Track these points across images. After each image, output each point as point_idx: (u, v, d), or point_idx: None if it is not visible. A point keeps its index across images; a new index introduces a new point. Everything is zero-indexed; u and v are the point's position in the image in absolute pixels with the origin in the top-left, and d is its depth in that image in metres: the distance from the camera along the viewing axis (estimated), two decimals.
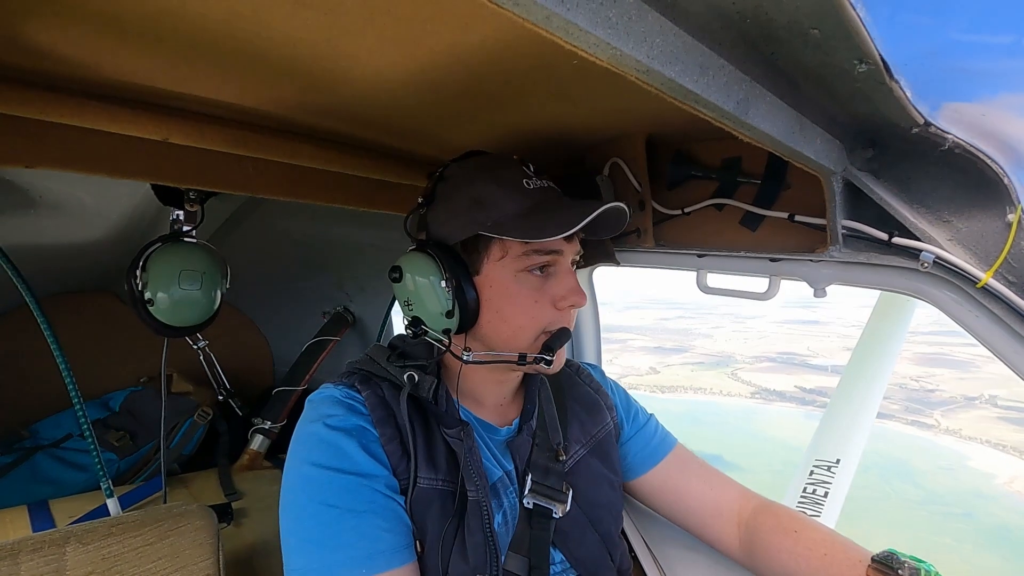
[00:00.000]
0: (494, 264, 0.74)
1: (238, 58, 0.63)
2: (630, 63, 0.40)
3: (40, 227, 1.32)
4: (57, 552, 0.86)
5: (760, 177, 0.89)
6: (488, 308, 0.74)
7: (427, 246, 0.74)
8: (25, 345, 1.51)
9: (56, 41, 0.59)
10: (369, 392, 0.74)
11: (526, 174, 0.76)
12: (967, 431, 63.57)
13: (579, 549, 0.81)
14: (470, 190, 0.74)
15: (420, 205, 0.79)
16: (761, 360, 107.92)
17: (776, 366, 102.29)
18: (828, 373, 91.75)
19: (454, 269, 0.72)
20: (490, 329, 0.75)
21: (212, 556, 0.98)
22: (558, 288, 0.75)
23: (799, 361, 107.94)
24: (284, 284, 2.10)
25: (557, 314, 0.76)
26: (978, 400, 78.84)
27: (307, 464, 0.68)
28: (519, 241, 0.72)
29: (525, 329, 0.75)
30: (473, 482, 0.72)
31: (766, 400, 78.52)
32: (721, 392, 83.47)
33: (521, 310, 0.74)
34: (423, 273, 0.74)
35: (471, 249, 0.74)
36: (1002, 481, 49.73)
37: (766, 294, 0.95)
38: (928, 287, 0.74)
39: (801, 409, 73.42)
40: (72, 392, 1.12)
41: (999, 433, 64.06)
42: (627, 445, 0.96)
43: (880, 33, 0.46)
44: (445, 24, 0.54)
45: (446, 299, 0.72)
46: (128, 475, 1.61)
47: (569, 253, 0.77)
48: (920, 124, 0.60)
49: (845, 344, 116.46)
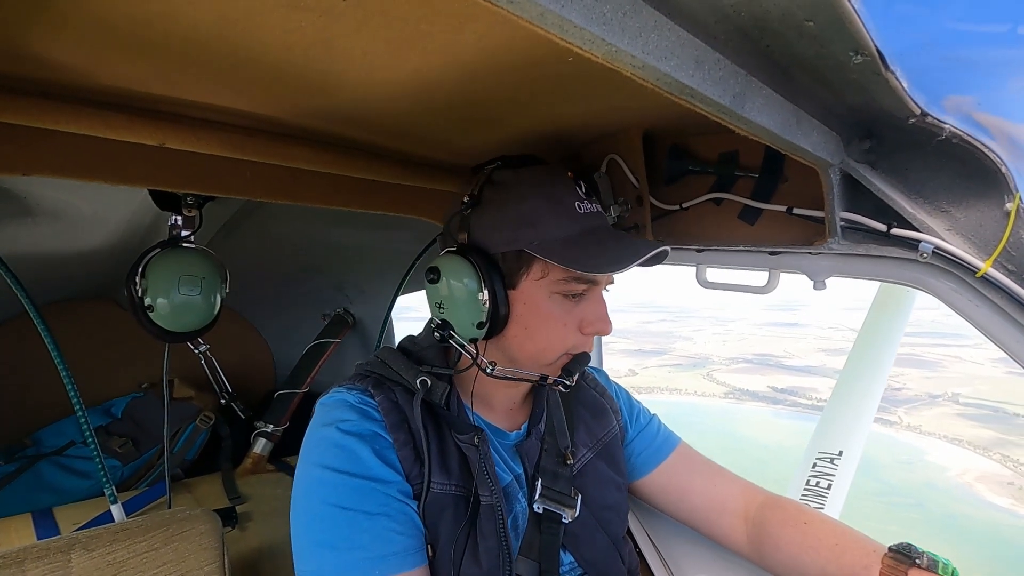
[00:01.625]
0: (532, 282, 0.73)
1: (232, 62, 0.63)
2: (625, 59, 0.40)
3: (38, 235, 1.32)
4: (62, 559, 0.86)
5: (758, 171, 0.89)
6: (517, 323, 0.73)
7: (469, 252, 0.72)
8: (26, 354, 1.51)
9: (50, 48, 0.59)
10: (382, 397, 0.74)
11: (579, 196, 0.75)
12: (927, 427, 65.35)
13: (588, 551, 0.82)
14: (521, 204, 0.73)
15: (465, 206, 0.75)
16: (737, 361, 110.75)
17: (751, 367, 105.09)
18: (800, 373, 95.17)
19: (492, 280, 0.71)
20: (515, 343, 0.75)
21: (217, 560, 0.98)
22: (588, 314, 0.75)
23: (774, 362, 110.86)
24: (284, 287, 2.10)
25: (581, 338, 0.76)
26: (941, 398, 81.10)
27: (320, 467, 0.68)
28: (562, 267, 0.70)
29: (550, 350, 0.75)
30: (487, 487, 0.73)
31: (738, 400, 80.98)
32: (696, 393, 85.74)
33: (549, 331, 0.74)
34: (462, 279, 0.72)
35: (511, 262, 0.73)
36: (954, 474, 51.93)
37: (766, 287, 0.95)
38: (927, 277, 0.74)
39: (771, 408, 76.55)
40: (74, 399, 1.11)
41: (957, 429, 66.23)
42: (631, 446, 0.96)
43: (875, 24, 0.46)
44: (439, 24, 0.54)
45: (481, 310, 0.71)
46: (132, 481, 1.62)
47: (604, 281, 0.77)
48: (917, 114, 0.60)
49: (821, 346, 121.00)
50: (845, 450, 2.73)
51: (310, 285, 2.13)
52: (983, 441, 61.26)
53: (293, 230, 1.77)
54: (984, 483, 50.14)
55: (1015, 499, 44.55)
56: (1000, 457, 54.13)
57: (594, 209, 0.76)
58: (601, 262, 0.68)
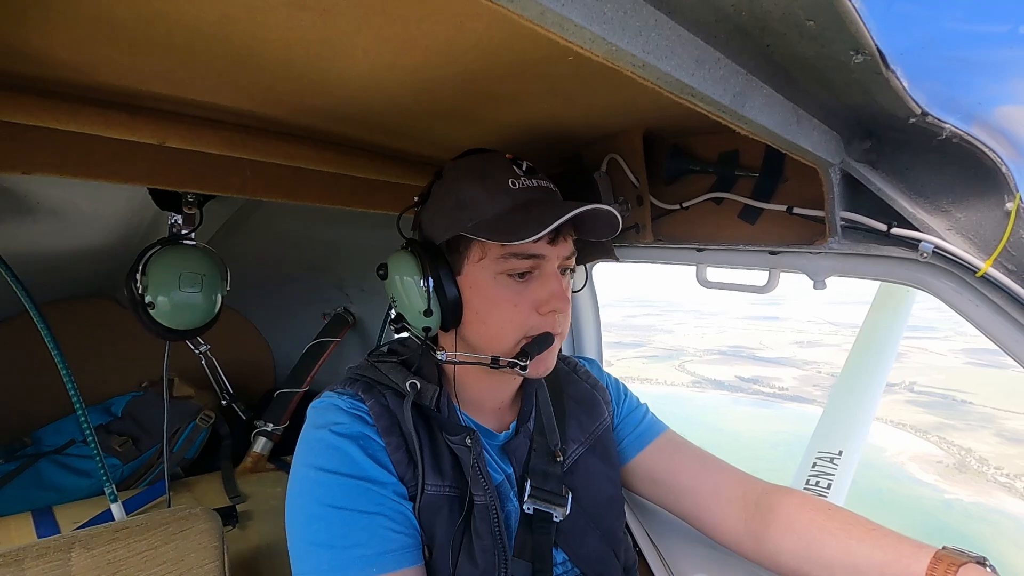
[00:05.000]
0: (473, 265, 0.73)
1: (233, 61, 0.63)
2: (625, 58, 0.40)
3: (38, 233, 1.32)
4: (62, 557, 0.86)
5: (758, 170, 0.89)
6: (469, 309, 0.74)
7: (412, 245, 0.75)
8: (26, 352, 1.51)
9: (51, 46, 0.59)
10: (373, 401, 0.74)
11: (514, 174, 0.74)
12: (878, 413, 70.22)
13: (581, 548, 0.81)
14: (457, 190, 0.74)
15: (415, 204, 0.79)
16: (712, 353, 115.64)
17: (724, 358, 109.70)
18: (769, 364, 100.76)
19: (435, 269, 0.72)
20: (471, 331, 0.75)
21: (217, 559, 0.98)
22: (539, 293, 0.73)
23: (747, 354, 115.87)
24: (284, 286, 2.10)
25: (540, 319, 0.74)
26: (898, 386, 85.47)
27: (314, 469, 0.68)
28: (497, 243, 0.70)
29: (504, 333, 0.73)
30: (480, 487, 0.73)
31: (702, 389, 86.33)
32: (665, 382, 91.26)
33: (499, 313, 0.73)
34: (404, 272, 0.74)
35: (454, 249, 0.74)
36: (890, 454, 56.93)
37: (766, 287, 0.95)
38: (928, 277, 0.74)
39: (731, 396, 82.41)
40: (74, 398, 1.11)
41: (905, 414, 71.51)
42: (617, 431, 0.95)
43: (876, 23, 0.46)
44: (440, 23, 0.54)
45: (422, 298, 0.73)
46: (131, 480, 1.61)
47: (554, 257, 0.74)
48: (917, 114, 0.60)
49: (795, 338, 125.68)
50: (845, 450, 2.73)
51: (310, 284, 2.13)
52: (925, 425, 66.31)
53: (293, 229, 1.77)
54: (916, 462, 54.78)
55: (940, 476, 50.06)
56: (937, 439, 59.95)
57: (534, 184, 0.74)
58: (523, 229, 0.66)
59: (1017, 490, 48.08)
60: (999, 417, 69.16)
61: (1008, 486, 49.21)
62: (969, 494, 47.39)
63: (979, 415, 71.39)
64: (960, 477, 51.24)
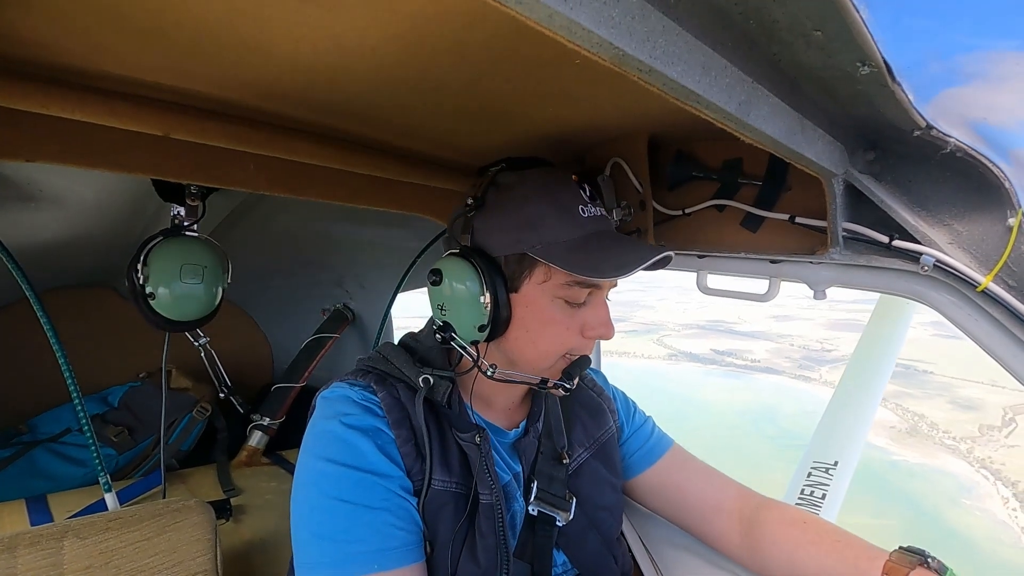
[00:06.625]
0: (535, 286, 0.73)
1: (240, 54, 0.63)
2: (632, 63, 0.40)
3: (40, 221, 1.32)
4: (55, 546, 0.86)
5: (761, 178, 0.89)
6: (518, 326, 0.74)
7: (471, 255, 0.72)
8: (24, 340, 1.51)
9: (57, 34, 0.59)
10: (384, 393, 0.74)
11: (583, 200, 0.75)
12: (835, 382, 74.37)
13: (581, 552, 0.82)
14: (524, 206, 0.72)
15: (469, 208, 0.75)
16: (690, 327, 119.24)
17: (701, 332, 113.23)
18: (744, 338, 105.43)
19: (494, 283, 0.71)
20: (516, 346, 0.75)
21: (210, 552, 0.98)
22: (591, 318, 0.75)
23: (724, 328, 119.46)
24: (284, 281, 2.10)
25: (582, 341, 0.75)
26: None
27: (322, 460, 0.68)
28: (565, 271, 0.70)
29: (551, 353, 0.75)
30: (487, 485, 0.73)
31: (677, 361, 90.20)
32: (641, 355, 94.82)
33: (551, 334, 0.74)
34: (464, 282, 0.72)
35: (514, 265, 0.73)
36: None
37: (766, 295, 0.95)
38: (928, 290, 0.74)
39: (704, 367, 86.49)
40: (71, 387, 1.11)
41: None
42: (626, 445, 0.96)
43: (883, 35, 0.46)
44: (448, 23, 0.54)
45: (483, 313, 0.71)
46: (126, 470, 1.61)
47: (607, 286, 0.76)
48: (922, 127, 0.60)
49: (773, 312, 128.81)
50: (840, 460, 2.73)
51: (310, 279, 2.13)
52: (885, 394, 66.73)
53: (295, 224, 1.77)
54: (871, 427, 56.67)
55: (891, 440, 53.27)
56: (894, 406, 62.26)
57: (598, 213, 0.76)
58: (605, 267, 0.68)
59: (960, 451, 50.46)
60: (955, 386, 71.54)
61: (953, 448, 51.59)
62: (915, 456, 49.84)
63: (937, 384, 73.75)
64: (910, 440, 53.73)
